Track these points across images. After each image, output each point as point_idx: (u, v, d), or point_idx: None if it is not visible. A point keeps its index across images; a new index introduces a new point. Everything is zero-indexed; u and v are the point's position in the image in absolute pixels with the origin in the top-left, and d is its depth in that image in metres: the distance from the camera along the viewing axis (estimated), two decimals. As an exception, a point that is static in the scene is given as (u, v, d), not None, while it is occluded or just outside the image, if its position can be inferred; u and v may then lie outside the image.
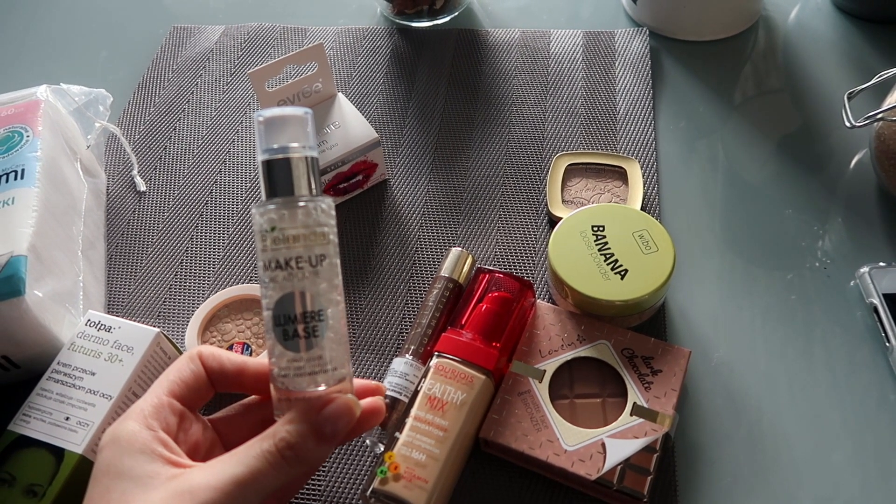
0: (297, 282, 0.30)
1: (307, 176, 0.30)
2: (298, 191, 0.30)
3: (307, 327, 0.30)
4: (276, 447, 0.29)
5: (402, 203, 0.54)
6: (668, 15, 0.63)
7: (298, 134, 0.30)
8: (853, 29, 0.63)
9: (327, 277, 0.30)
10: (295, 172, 0.30)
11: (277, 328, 0.30)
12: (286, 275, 0.29)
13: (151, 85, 0.65)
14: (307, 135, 0.30)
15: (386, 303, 0.48)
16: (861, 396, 0.42)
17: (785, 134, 0.56)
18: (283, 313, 0.30)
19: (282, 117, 0.30)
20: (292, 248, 0.29)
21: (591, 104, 0.59)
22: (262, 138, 0.30)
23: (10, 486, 0.37)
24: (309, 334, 0.30)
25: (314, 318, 0.30)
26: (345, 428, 0.30)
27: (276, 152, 0.30)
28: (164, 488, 0.28)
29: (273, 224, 0.29)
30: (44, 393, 0.40)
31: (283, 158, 0.30)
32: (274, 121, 0.30)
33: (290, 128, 0.30)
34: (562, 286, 0.44)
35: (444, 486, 0.37)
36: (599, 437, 0.38)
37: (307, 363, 0.30)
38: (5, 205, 0.43)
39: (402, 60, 0.64)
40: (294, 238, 0.29)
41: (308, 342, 0.30)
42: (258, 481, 0.29)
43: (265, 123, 0.30)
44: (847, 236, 0.49)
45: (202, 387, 0.33)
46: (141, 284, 0.51)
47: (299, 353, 0.30)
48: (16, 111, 0.49)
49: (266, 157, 0.30)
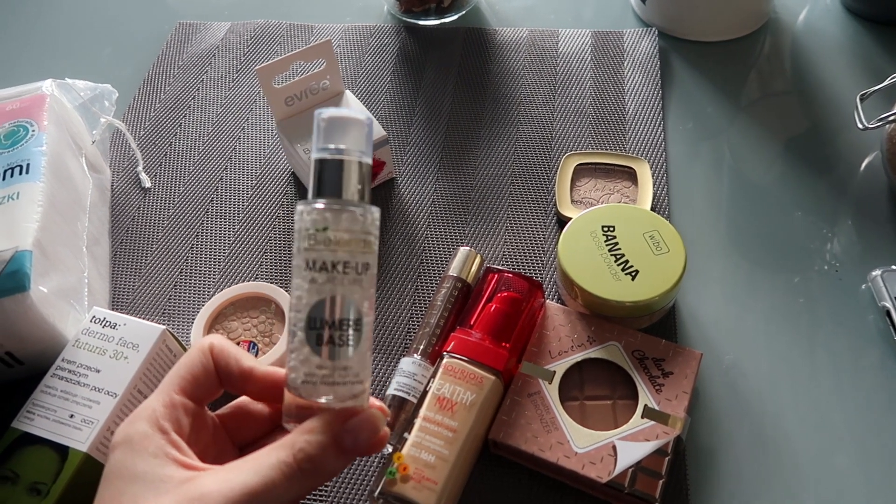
0: (339, 287, 0.29)
1: (360, 181, 0.30)
2: (351, 195, 0.29)
3: (344, 335, 0.29)
4: (294, 458, 0.28)
5: (409, 201, 0.53)
6: (677, 15, 0.63)
7: (358, 138, 0.30)
8: (863, 31, 0.63)
9: (366, 288, 0.30)
10: (351, 175, 0.29)
11: (311, 332, 0.29)
12: (328, 277, 0.29)
13: (156, 81, 0.64)
14: (365, 141, 0.30)
15: (393, 302, 0.48)
16: (873, 399, 0.42)
17: (794, 136, 0.56)
18: (319, 316, 0.29)
19: (344, 119, 0.29)
20: (339, 251, 0.29)
21: (599, 104, 0.58)
22: (321, 137, 0.29)
23: (14, 484, 0.36)
24: (344, 342, 0.29)
25: (352, 327, 0.29)
26: (366, 443, 0.29)
27: (333, 153, 0.29)
28: (175, 493, 0.27)
29: (326, 224, 0.29)
30: (48, 390, 0.39)
31: (339, 160, 0.29)
32: (336, 121, 0.29)
33: (350, 131, 0.29)
34: (571, 287, 0.43)
35: (453, 488, 0.37)
36: (610, 439, 0.38)
37: (334, 372, 0.29)
38: (10, 199, 0.43)
39: (409, 59, 0.64)
40: (344, 242, 0.29)
41: (341, 351, 0.29)
42: (271, 492, 0.28)
43: (327, 122, 0.29)
44: (858, 239, 0.49)
45: (212, 383, 0.33)
46: (145, 281, 0.50)
47: (330, 360, 0.29)
48: (21, 105, 0.49)
49: (323, 155, 0.29)
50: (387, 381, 0.44)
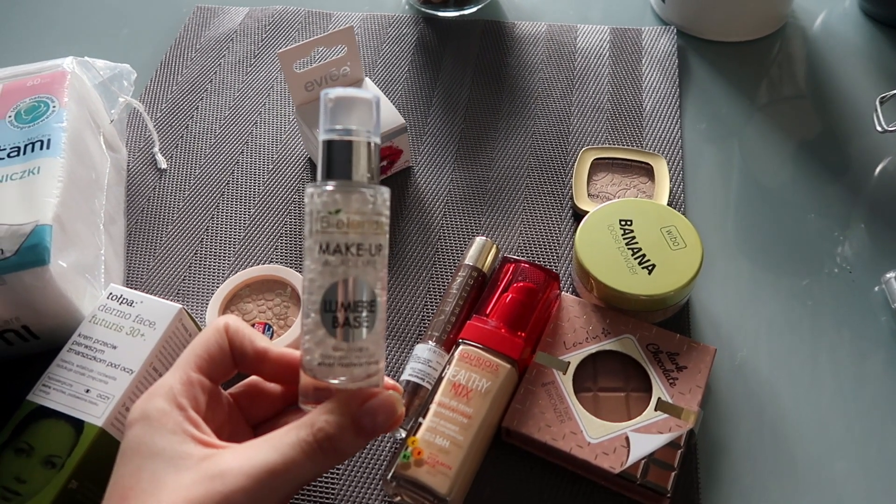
0: (353, 269, 0.29)
1: (369, 161, 0.29)
2: (361, 176, 0.29)
3: (358, 317, 0.29)
4: (315, 437, 0.28)
5: (425, 191, 0.53)
6: (696, 15, 0.63)
7: (366, 118, 0.29)
8: (880, 35, 0.63)
9: (379, 269, 0.30)
10: (360, 156, 0.29)
11: (327, 314, 0.29)
12: (342, 260, 0.29)
13: (174, 64, 0.64)
14: (373, 120, 0.29)
15: (408, 289, 0.48)
16: (886, 398, 0.42)
17: (809, 138, 0.56)
18: (333, 299, 0.29)
19: (351, 98, 0.29)
20: (352, 234, 0.29)
21: (617, 100, 0.59)
22: (328, 117, 0.29)
23: (29, 457, 0.36)
24: (360, 324, 0.29)
25: (366, 308, 0.29)
26: (384, 424, 0.29)
27: (342, 133, 0.29)
28: (195, 470, 0.28)
29: (338, 206, 0.28)
30: (64, 364, 0.39)
31: (348, 140, 0.29)
32: (343, 101, 0.29)
33: (359, 110, 0.29)
34: (587, 279, 0.43)
35: (466, 474, 0.37)
36: (624, 430, 0.38)
37: (350, 353, 0.29)
38: (31, 174, 0.43)
39: (427, 49, 0.64)
40: (357, 224, 0.29)
41: (356, 332, 0.29)
42: (291, 471, 0.28)
43: (334, 102, 0.29)
44: (871, 242, 0.49)
45: (228, 362, 0.33)
46: (160, 262, 0.50)
47: (346, 341, 0.29)
48: (42, 81, 0.49)
49: (331, 136, 0.29)
50: (401, 367, 0.44)
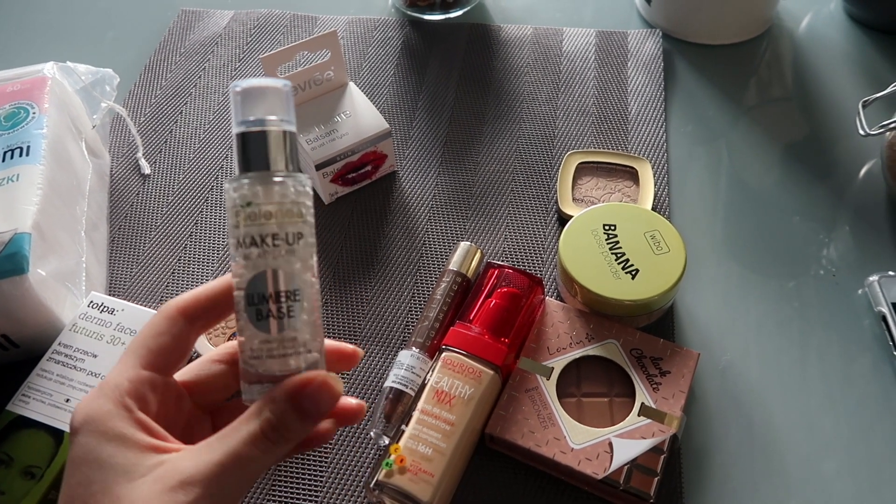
0: (272, 260, 0.28)
1: (284, 150, 0.29)
2: (275, 165, 0.28)
3: (281, 307, 0.28)
4: (261, 429, 0.28)
5: (410, 195, 0.53)
6: (681, 18, 0.63)
7: (276, 107, 0.28)
8: (865, 39, 0.63)
9: (303, 257, 0.29)
10: (272, 146, 0.28)
11: (250, 308, 0.28)
12: (260, 252, 0.28)
13: (158, 68, 0.64)
14: (286, 108, 0.29)
15: (392, 295, 0.48)
16: (866, 403, 0.42)
17: (794, 141, 0.56)
18: (256, 292, 0.28)
19: (260, 88, 0.28)
20: (267, 224, 0.28)
21: (602, 103, 0.59)
22: (239, 110, 0.28)
23: (8, 467, 0.36)
24: (283, 315, 0.28)
25: (289, 298, 0.28)
26: (328, 404, 0.29)
27: (252, 125, 0.28)
28: (150, 479, 0.27)
29: (248, 199, 0.28)
30: (44, 374, 0.39)
31: (259, 131, 0.28)
32: (251, 91, 0.28)
33: (269, 100, 0.28)
34: (571, 284, 0.43)
35: (449, 481, 0.37)
36: (607, 436, 0.38)
37: (279, 344, 0.28)
38: (10, 181, 0.42)
39: (413, 53, 0.64)
40: (270, 214, 0.28)
41: (281, 323, 0.28)
42: (248, 466, 0.27)
43: (242, 94, 0.28)
44: (855, 245, 0.49)
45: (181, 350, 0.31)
46: (143, 268, 0.50)
47: (273, 333, 0.28)
48: (22, 87, 0.48)
49: (242, 129, 0.28)
50: (385, 373, 0.44)
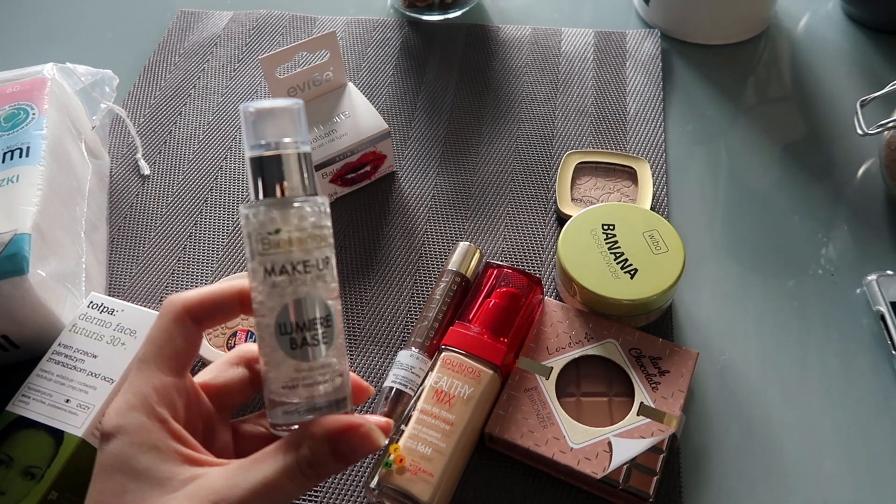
0: (302, 287, 0.27)
1: (302, 172, 0.28)
2: (296, 189, 0.28)
3: (315, 335, 0.28)
4: (297, 463, 0.28)
5: (409, 196, 0.53)
6: (679, 18, 0.63)
7: (291, 127, 0.28)
8: (863, 38, 0.63)
9: (330, 280, 0.28)
10: (291, 169, 0.28)
11: (283, 337, 0.28)
12: (289, 280, 0.27)
13: (157, 68, 0.64)
14: (300, 128, 0.28)
15: (392, 295, 0.48)
16: (865, 402, 0.42)
17: (792, 140, 0.56)
18: (287, 321, 0.28)
19: (273, 109, 0.27)
20: (296, 252, 0.27)
21: (601, 103, 0.59)
22: (252, 132, 0.28)
23: (8, 468, 0.36)
24: (318, 342, 0.28)
25: (323, 324, 0.28)
26: (365, 453, 0.29)
27: (269, 148, 0.27)
28: (184, 494, 0.27)
29: (276, 226, 0.27)
30: (44, 374, 0.39)
31: (276, 154, 0.27)
32: (265, 113, 0.27)
33: (283, 121, 0.28)
34: (570, 283, 0.43)
35: (449, 480, 0.37)
36: (606, 435, 0.38)
37: (313, 372, 0.28)
38: (10, 182, 0.42)
39: (412, 53, 0.64)
40: (299, 241, 0.27)
41: (316, 350, 0.28)
42: (277, 495, 0.28)
43: (256, 116, 0.27)
44: (853, 244, 0.49)
45: (192, 350, 0.31)
46: (143, 269, 0.50)
47: (307, 361, 0.28)
48: (21, 88, 0.48)
49: (258, 153, 0.27)
50: (385, 373, 0.44)
